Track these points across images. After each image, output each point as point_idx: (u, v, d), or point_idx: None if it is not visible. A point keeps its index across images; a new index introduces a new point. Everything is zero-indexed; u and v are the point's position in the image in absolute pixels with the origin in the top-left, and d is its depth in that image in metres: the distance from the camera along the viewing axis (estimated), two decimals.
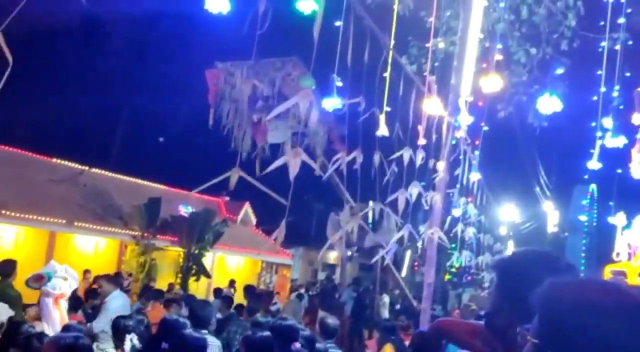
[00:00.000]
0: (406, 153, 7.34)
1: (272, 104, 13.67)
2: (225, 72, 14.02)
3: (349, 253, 17.92)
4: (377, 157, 6.94)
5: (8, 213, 17.75)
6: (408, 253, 31.33)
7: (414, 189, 7.68)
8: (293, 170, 4.77)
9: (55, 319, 7.18)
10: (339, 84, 8.16)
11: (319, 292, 21.48)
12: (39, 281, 7.29)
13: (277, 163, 4.80)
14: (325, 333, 7.81)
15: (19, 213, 18.06)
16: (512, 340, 2.30)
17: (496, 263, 2.67)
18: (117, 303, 9.72)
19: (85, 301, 12.48)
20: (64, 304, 7.48)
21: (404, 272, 28.97)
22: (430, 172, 9.19)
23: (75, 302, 10.03)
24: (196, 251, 21.38)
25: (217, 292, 17.15)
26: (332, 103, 8.16)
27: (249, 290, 16.79)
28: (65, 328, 6.59)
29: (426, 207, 8.98)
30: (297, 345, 6.01)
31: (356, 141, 6.57)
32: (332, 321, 8.14)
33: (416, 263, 32.98)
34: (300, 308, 17.87)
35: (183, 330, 5.84)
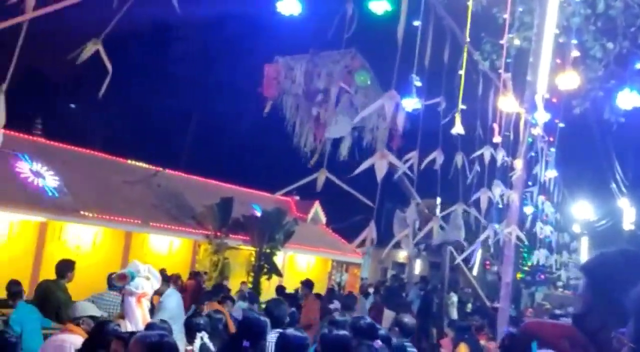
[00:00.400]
0: (487, 152, 7.26)
1: (329, 98, 13.65)
2: (286, 66, 13.89)
3: (417, 251, 17.60)
4: (459, 158, 6.87)
5: (86, 214, 18.27)
6: (479, 252, 30.97)
7: (497, 189, 7.60)
8: (380, 172, 4.77)
9: (138, 318, 7.35)
10: (418, 84, 8.12)
11: (385, 290, 21.40)
12: (122, 279, 7.48)
13: (365, 165, 4.80)
14: (402, 332, 7.81)
15: (96, 214, 18.57)
16: (603, 342, 2.26)
17: (586, 265, 2.64)
18: (172, 301, 9.90)
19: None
20: (146, 303, 7.66)
21: (475, 271, 28.61)
22: (507, 170, 9.05)
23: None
24: (267, 250, 21.60)
25: (280, 290, 17.30)
26: (412, 104, 8.14)
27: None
28: (149, 326, 6.75)
29: (500, 206, 8.86)
30: (379, 342, 6.04)
31: (432, 140, 6.51)
32: (408, 320, 8.13)
33: (487, 262, 32.56)
34: (365, 307, 17.88)
35: (264, 328, 5.93)
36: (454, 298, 18.96)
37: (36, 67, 35.58)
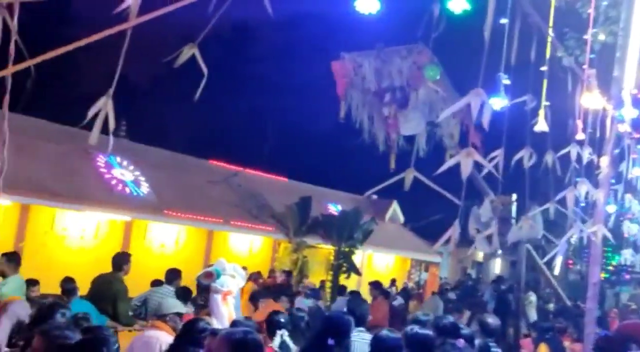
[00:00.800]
0: (573, 149, 7.11)
1: (401, 95, 13.43)
2: (353, 62, 13.59)
3: (494, 250, 17.01)
4: (549, 157, 6.74)
5: (170, 213, 18.74)
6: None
7: (582, 186, 7.43)
8: (465, 170, 4.74)
9: (224, 315, 7.51)
10: (507, 82, 8.01)
11: (459, 290, 21.15)
12: (208, 277, 7.66)
13: (450, 163, 4.79)
14: (485, 332, 7.73)
15: (180, 213, 19.03)
16: None
17: None
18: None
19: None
20: (231, 301, 7.81)
21: (556, 270, 27.92)
22: (592, 168, 8.82)
23: (184, 294, 10.10)
24: (346, 249, 21.67)
25: (376, 284, 17.31)
26: (500, 102, 8.03)
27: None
28: (234, 324, 6.89)
29: (582, 204, 8.63)
30: (462, 341, 6.01)
31: (513, 138, 6.41)
32: (492, 320, 8.04)
33: (570, 261, 31.75)
34: (439, 306, 17.72)
35: (349, 327, 5.98)
36: (532, 298, 18.47)
37: (121, 71, 36.57)
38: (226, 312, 7.60)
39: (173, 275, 11.60)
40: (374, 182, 13.50)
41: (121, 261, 11.05)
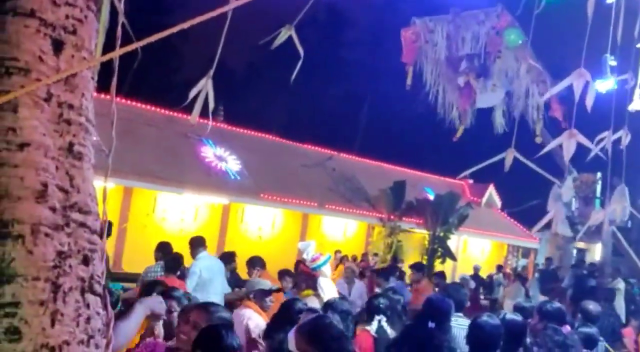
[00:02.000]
0: None
1: (478, 63, 12.59)
2: (424, 28, 12.40)
3: (574, 233, 15.92)
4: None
5: (266, 197, 19.02)
6: None
7: None
8: (568, 153, 4.59)
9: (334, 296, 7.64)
10: (613, 63, 7.67)
11: (539, 275, 20.41)
12: (316, 260, 7.81)
13: (553, 144, 4.65)
14: (588, 319, 7.51)
15: (275, 196, 19.29)
16: None
17: None
18: (199, 265, 9.83)
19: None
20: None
21: None
22: None
23: (174, 264, 9.65)
24: (441, 234, 21.46)
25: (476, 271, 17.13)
26: (607, 85, 7.72)
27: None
28: (329, 305, 6.94)
29: None
30: (568, 328, 5.89)
31: (620, 119, 6.13)
32: (593, 307, 7.80)
33: None
34: (519, 292, 17.22)
35: (449, 310, 5.93)
36: (620, 285, 17.34)
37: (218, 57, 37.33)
38: (334, 292, 7.74)
39: (228, 257, 11.60)
40: (471, 165, 13.19)
41: (226, 259, 11.28)
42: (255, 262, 10.54)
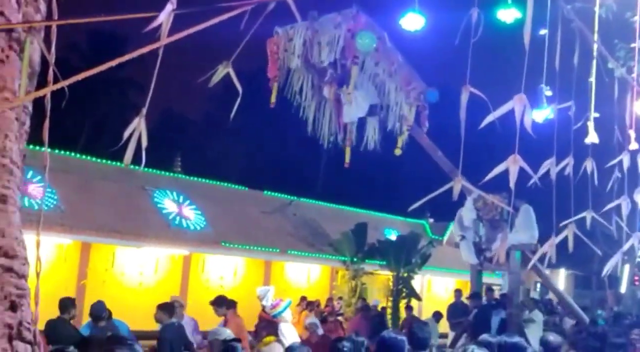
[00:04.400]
0: (625, 158, 6.87)
1: (341, 71, 11.05)
2: (285, 37, 10.77)
3: (481, 260, 14.88)
4: (589, 163, 6.46)
5: (228, 245, 18.85)
6: (627, 266, 29.22)
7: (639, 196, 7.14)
8: (513, 178, 4.61)
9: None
10: (548, 93, 7.80)
11: (450, 310, 19.65)
12: (276, 308, 7.72)
13: (497, 170, 4.66)
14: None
15: (237, 244, 19.13)
16: None
17: None
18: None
19: None
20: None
21: (623, 288, 26.97)
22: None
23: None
24: (405, 274, 21.43)
25: (438, 315, 16.84)
26: (544, 114, 7.83)
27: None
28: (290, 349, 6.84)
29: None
30: None
31: (553, 146, 6.19)
32: (553, 338, 7.73)
33: (637, 277, 30.69)
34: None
35: (403, 349, 5.81)
36: (537, 317, 16.33)
37: (172, 107, 37.35)
38: (297, 338, 7.64)
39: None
40: (427, 203, 13.10)
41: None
42: (222, 302, 10.09)
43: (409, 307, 17.96)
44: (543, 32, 5.70)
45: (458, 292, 17.19)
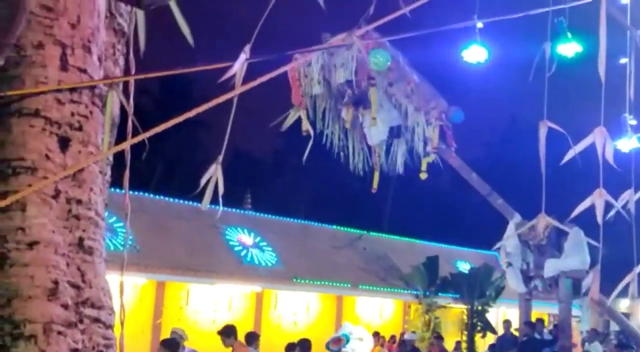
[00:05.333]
0: None
1: (357, 93, 10.60)
2: (304, 62, 10.05)
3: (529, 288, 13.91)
4: None
5: (299, 281, 18.88)
6: None
7: None
8: (600, 212, 4.50)
9: None
10: (633, 122, 7.56)
11: (496, 342, 18.92)
12: (337, 343, 7.57)
13: (583, 206, 4.56)
14: None
15: (308, 280, 19.14)
16: None
17: None
18: None
19: None
20: None
21: None
22: None
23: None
24: (479, 307, 21.02)
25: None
26: (630, 144, 7.62)
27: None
28: None
29: None
30: None
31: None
32: None
33: None
34: None
35: None
36: (595, 349, 15.56)
37: (241, 145, 37.91)
38: None
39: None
40: (501, 234, 12.77)
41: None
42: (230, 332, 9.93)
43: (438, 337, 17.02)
44: (624, 61, 5.59)
45: (507, 324, 16.68)
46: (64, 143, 2.49)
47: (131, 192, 3.00)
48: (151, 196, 19.70)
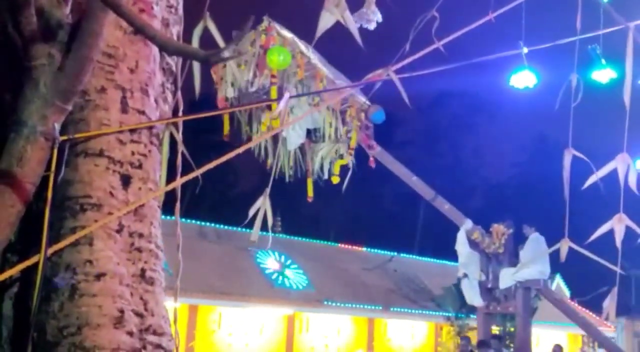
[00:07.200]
0: None
1: (261, 94, 9.29)
2: (219, 64, 9.12)
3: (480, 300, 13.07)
4: None
5: (331, 304, 18.95)
6: None
7: None
8: (619, 237, 4.59)
9: None
10: None
11: None
12: None
13: (602, 230, 4.66)
14: None
15: (339, 303, 19.19)
16: None
17: None
18: None
19: None
20: None
21: None
22: None
23: None
24: (512, 329, 20.84)
25: None
26: None
27: None
28: None
29: None
30: None
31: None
32: None
33: None
34: None
35: None
36: None
37: (268, 168, 38.16)
38: None
39: None
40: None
41: None
42: None
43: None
44: None
45: (558, 348, 15.91)
46: (126, 181, 2.68)
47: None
48: (182, 219, 19.94)
